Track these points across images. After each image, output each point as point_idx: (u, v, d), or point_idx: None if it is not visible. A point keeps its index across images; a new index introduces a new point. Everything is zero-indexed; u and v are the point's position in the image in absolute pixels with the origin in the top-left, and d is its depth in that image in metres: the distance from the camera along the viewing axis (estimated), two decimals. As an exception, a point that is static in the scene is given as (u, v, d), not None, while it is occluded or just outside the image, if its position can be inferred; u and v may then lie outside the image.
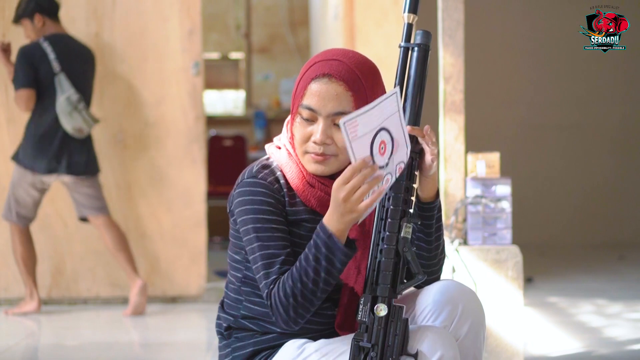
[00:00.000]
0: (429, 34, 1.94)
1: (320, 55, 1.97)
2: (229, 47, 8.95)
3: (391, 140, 1.83)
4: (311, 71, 1.94)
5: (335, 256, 1.81)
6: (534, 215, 7.05)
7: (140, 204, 4.95)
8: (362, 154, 1.79)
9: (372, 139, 1.80)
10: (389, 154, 1.83)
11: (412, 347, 1.87)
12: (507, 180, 3.33)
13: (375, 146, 1.81)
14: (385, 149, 1.82)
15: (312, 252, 1.82)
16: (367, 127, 1.79)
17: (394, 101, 1.82)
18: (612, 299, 4.84)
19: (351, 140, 1.77)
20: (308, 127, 1.94)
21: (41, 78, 4.49)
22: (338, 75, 1.92)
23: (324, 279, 1.83)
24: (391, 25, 4.88)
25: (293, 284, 1.84)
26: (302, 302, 1.84)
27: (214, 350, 3.81)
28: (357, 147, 1.78)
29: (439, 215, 2.01)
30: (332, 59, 1.94)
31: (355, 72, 1.93)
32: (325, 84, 1.92)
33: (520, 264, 3.29)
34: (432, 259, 2.03)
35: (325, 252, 1.81)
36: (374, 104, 1.79)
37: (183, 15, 4.94)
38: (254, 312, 2.01)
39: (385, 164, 1.83)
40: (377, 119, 1.79)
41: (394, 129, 1.83)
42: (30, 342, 4.10)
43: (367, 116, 1.78)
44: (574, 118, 7.27)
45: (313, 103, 1.92)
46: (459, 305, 1.96)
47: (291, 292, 1.84)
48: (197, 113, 4.97)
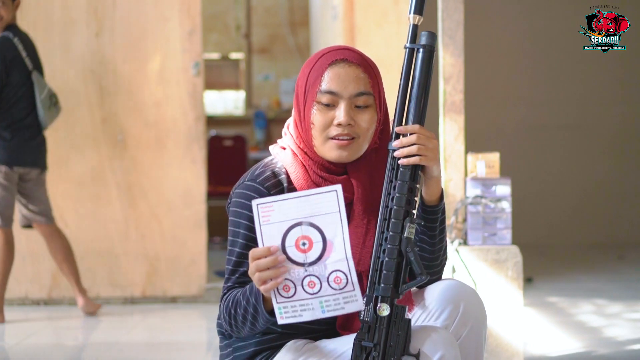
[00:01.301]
0: (434, 35, 1.94)
1: (326, 49, 2.00)
2: (229, 48, 8.94)
3: (322, 240, 1.74)
4: (325, 59, 1.96)
5: (259, 318, 1.87)
6: (533, 215, 7.05)
7: (140, 204, 4.95)
8: (271, 242, 1.75)
9: (286, 229, 1.74)
10: (316, 256, 1.74)
11: (414, 347, 1.87)
12: (507, 180, 3.33)
13: (291, 239, 1.75)
14: (310, 248, 1.74)
15: (245, 301, 1.89)
16: (284, 216, 1.74)
17: (333, 200, 1.74)
18: (612, 299, 4.84)
19: (261, 224, 1.74)
20: (329, 112, 1.95)
21: (15, 75, 4.42)
22: (354, 59, 1.96)
23: (248, 327, 1.92)
24: (391, 26, 4.88)
25: (231, 306, 1.93)
26: (233, 324, 1.94)
27: (214, 350, 3.81)
28: (266, 233, 1.75)
29: (443, 218, 2.01)
30: (342, 49, 1.99)
31: (367, 58, 1.99)
32: (344, 68, 1.95)
33: (520, 264, 3.29)
34: (434, 260, 2.03)
35: (252, 312, 1.88)
36: (300, 195, 1.74)
37: (183, 16, 4.94)
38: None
39: (306, 263, 1.75)
40: (299, 210, 1.73)
41: (328, 230, 1.74)
42: (31, 342, 4.10)
43: (286, 204, 1.73)
44: (574, 118, 7.27)
45: (334, 86, 1.94)
46: (460, 305, 1.96)
47: (228, 312, 1.94)
48: (197, 113, 4.97)
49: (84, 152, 4.92)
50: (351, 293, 1.76)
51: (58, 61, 4.89)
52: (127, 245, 4.94)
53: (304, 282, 1.76)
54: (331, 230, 1.74)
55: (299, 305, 1.77)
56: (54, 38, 4.89)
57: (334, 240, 1.74)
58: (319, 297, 1.77)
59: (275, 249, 1.76)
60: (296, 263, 1.75)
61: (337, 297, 1.76)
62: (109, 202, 4.83)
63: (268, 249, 1.76)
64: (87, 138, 4.92)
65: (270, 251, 1.76)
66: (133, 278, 4.94)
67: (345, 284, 1.75)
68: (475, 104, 5.61)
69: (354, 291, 1.75)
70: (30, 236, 4.82)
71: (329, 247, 1.74)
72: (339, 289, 1.76)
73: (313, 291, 1.76)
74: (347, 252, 1.74)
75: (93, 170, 4.92)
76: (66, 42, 4.91)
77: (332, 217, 1.73)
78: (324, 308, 1.77)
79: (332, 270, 1.75)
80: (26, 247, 4.87)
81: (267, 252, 1.76)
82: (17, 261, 4.80)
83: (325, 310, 1.77)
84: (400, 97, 1.94)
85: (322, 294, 1.76)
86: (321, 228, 1.74)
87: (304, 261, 1.75)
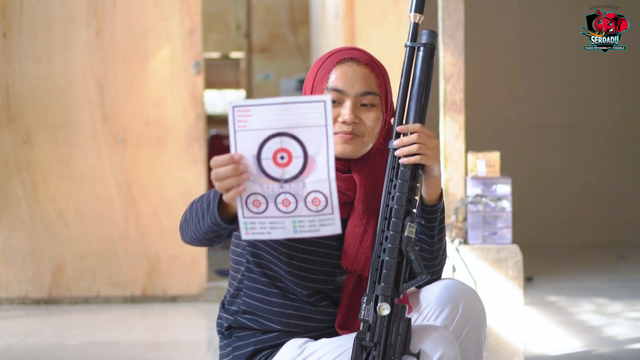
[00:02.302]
0: (435, 33, 1.94)
1: (336, 48, 2.02)
2: (229, 47, 8.95)
3: (303, 156, 1.56)
4: (333, 58, 1.98)
5: (207, 216, 1.79)
6: (534, 214, 7.06)
7: (140, 203, 4.95)
8: (245, 152, 1.56)
9: (264, 139, 1.56)
10: (295, 172, 1.57)
11: (414, 346, 1.87)
12: (507, 179, 3.33)
13: (268, 151, 1.56)
14: (289, 162, 1.56)
15: (205, 196, 1.82)
16: (263, 124, 1.55)
17: (320, 112, 1.56)
18: (612, 298, 4.84)
19: (236, 130, 1.55)
20: (335, 110, 1.96)
21: None
22: (362, 59, 1.99)
23: (195, 222, 1.84)
24: (391, 25, 4.88)
25: (195, 200, 1.87)
26: (187, 216, 1.88)
27: (214, 349, 3.81)
28: (241, 141, 1.56)
29: (442, 218, 2.01)
30: (351, 49, 2.00)
31: (376, 60, 2.01)
32: (351, 66, 1.97)
33: (520, 263, 3.29)
34: (433, 260, 2.03)
35: (205, 207, 1.80)
36: (283, 101, 1.55)
37: (183, 15, 4.94)
38: (253, 307, 2.01)
39: (282, 179, 1.57)
40: (281, 119, 1.55)
41: (311, 145, 1.56)
42: (31, 342, 4.10)
43: (266, 110, 1.54)
44: (574, 117, 7.27)
45: (340, 84, 1.96)
46: (460, 304, 1.96)
47: (190, 206, 1.89)
48: (197, 112, 4.97)
49: (84, 151, 4.92)
50: (329, 216, 1.61)
51: (58, 60, 4.88)
52: (127, 245, 4.94)
53: (277, 200, 1.59)
54: (314, 145, 1.56)
55: (268, 223, 1.62)
56: (54, 37, 4.89)
57: (317, 158, 1.57)
58: (292, 216, 1.61)
59: (239, 157, 1.60)
60: (271, 178, 1.58)
61: (313, 218, 1.61)
62: (109, 201, 4.83)
63: (231, 157, 1.62)
64: (87, 137, 4.92)
65: (233, 159, 1.62)
66: (133, 277, 4.94)
67: (324, 207, 1.60)
68: (476, 103, 5.61)
69: (332, 215, 1.61)
70: (31, 235, 4.82)
71: (310, 164, 1.56)
72: (315, 211, 1.60)
73: (287, 210, 1.60)
74: (330, 172, 1.57)
75: (93, 170, 4.92)
76: (66, 40, 4.90)
77: (317, 131, 1.55)
78: (297, 228, 1.61)
79: (312, 190, 1.59)
80: (26, 247, 4.87)
81: (230, 160, 1.62)
82: (17, 261, 4.80)
83: (298, 230, 1.62)
84: (401, 96, 1.94)
85: (296, 214, 1.60)
86: (303, 142, 1.55)
87: (280, 177, 1.57)
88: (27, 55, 4.81)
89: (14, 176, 4.81)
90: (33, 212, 4.83)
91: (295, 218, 1.60)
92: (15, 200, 4.81)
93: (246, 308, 2.02)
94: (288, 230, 1.61)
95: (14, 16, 4.76)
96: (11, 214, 4.81)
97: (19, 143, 4.77)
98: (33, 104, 4.82)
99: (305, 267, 1.96)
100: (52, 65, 4.84)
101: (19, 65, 4.81)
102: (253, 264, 2.01)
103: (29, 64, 4.82)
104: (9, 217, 4.80)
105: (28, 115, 4.73)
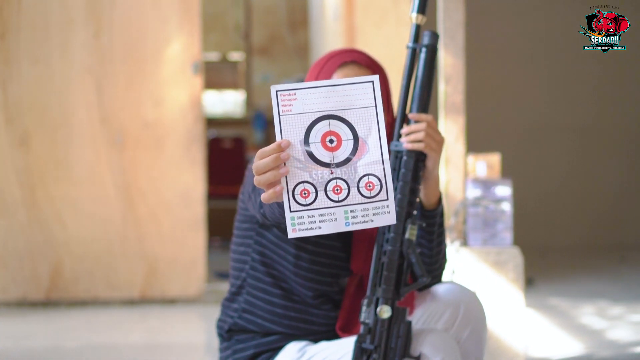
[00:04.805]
0: (436, 35, 1.94)
1: (335, 51, 2.00)
2: (228, 48, 8.94)
3: (353, 138, 1.46)
4: (334, 61, 1.97)
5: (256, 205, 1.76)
6: (534, 216, 7.04)
7: (139, 205, 4.94)
8: (291, 136, 1.44)
9: (310, 122, 1.45)
10: (345, 155, 1.46)
11: (414, 349, 1.86)
12: (507, 181, 3.32)
13: (316, 135, 1.45)
14: (338, 146, 1.46)
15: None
16: (309, 107, 1.45)
17: (369, 92, 1.47)
18: (614, 301, 4.83)
19: (280, 114, 1.45)
20: None
21: None
22: (364, 62, 1.98)
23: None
24: (391, 26, 4.87)
25: None
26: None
27: (213, 352, 3.80)
28: (286, 125, 1.45)
29: (441, 221, 2.00)
30: (351, 51, 1.99)
31: (377, 62, 2.00)
32: (353, 70, 1.96)
33: (520, 266, 3.28)
34: (433, 263, 2.02)
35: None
36: (329, 83, 1.46)
37: (182, 16, 4.93)
38: (255, 306, 2.00)
39: (333, 164, 1.46)
40: (327, 101, 1.46)
41: (361, 127, 1.46)
42: (29, 344, 4.09)
43: (311, 93, 1.45)
44: (575, 119, 7.26)
45: None
46: (461, 308, 1.95)
47: None
48: (196, 114, 4.96)
49: (82, 153, 4.91)
50: (383, 203, 1.46)
51: (56, 61, 4.87)
52: (125, 247, 4.92)
53: (328, 187, 1.45)
54: (365, 127, 1.45)
55: (318, 215, 1.46)
56: (52, 38, 4.87)
57: (368, 140, 1.45)
58: (344, 205, 1.46)
59: (286, 144, 1.43)
60: (321, 163, 1.45)
61: (367, 206, 1.46)
62: (107, 203, 4.81)
63: (278, 144, 1.43)
64: (85, 138, 4.90)
65: (280, 146, 1.43)
66: (132, 279, 4.93)
67: (379, 191, 1.46)
68: (476, 105, 5.59)
69: (387, 201, 1.46)
70: (28, 237, 4.81)
71: (362, 146, 1.45)
72: (369, 197, 1.46)
73: (338, 198, 1.46)
74: (384, 153, 1.45)
75: (91, 171, 4.90)
76: (64, 42, 4.89)
77: (366, 112, 1.45)
78: (349, 220, 1.47)
79: (365, 173, 1.46)
80: (24, 248, 4.85)
81: (276, 148, 1.43)
82: (15, 262, 4.79)
83: (350, 222, 1.47)
84: (402, 97, 1.93)
85: (348, 202, 1.46)
86: (352, 124, 1.45)
87: (330, 161, 1.45)
88: (24, 56, 4.80)
89: (11, 178, 4.79)
90: (31, 213, 4.81)
91: (348, 207, 1.46)
92: (13, 201, 4.80)
93: (247, 307, 2.01)
94: (340, 222, 1.46)
95: (11, 17, 4.74)
96: (9, 215, 4.79)
97: (17, 144, 4.75)
98: (31, 106, 4.81)
99: (312, 268, 1.96)
100: (50, 67, 4.82)
101: (16, 66, 4.79)
102: (258, 262, 2.00)
103: (27, 65, 4.80)
104: (6, 218, 4.78)
105: (26, 116, 4.70)
